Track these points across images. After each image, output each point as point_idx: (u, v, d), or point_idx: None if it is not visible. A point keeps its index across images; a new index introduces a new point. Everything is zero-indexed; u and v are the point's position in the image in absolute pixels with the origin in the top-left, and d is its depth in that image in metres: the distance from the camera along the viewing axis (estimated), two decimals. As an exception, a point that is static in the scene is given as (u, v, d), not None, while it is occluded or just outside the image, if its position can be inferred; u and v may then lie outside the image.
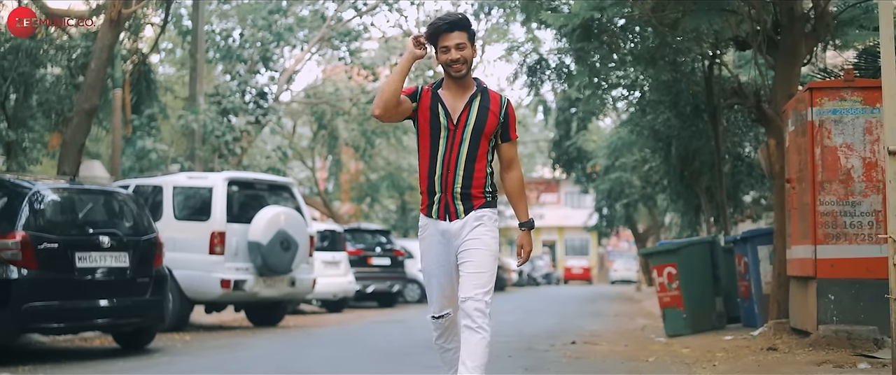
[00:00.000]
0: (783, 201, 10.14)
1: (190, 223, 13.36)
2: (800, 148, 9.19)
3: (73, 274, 9.28)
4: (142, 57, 20.03)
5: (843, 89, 8.86)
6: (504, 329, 12.83)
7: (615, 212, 32.32)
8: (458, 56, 5.11)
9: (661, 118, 16.24)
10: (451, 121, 5.13)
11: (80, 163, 14.40)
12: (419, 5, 28.48)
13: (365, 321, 15.93)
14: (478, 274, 5.05)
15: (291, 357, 9.82)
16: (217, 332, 13.21)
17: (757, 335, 10.23)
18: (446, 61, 5.14)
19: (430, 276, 5.30)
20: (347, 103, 28.31)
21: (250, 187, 14.27)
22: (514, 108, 5.41)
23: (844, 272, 8.68)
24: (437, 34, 5.16)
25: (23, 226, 9.03)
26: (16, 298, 8.88)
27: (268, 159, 25.40)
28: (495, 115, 5.17)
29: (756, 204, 20.34)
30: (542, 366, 8.75)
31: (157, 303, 10.21)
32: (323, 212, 33.99)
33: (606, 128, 31.60)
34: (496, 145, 5.26)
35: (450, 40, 5.12)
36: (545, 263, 51.12)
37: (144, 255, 10.01)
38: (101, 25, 15.37)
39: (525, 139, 43.49)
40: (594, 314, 18.84)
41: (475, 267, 5.07)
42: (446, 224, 5.16)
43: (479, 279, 5.04)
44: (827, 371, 7.39)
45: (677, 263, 12.17)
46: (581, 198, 50.11)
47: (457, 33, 5.13)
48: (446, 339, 5.33)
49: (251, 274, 13.22)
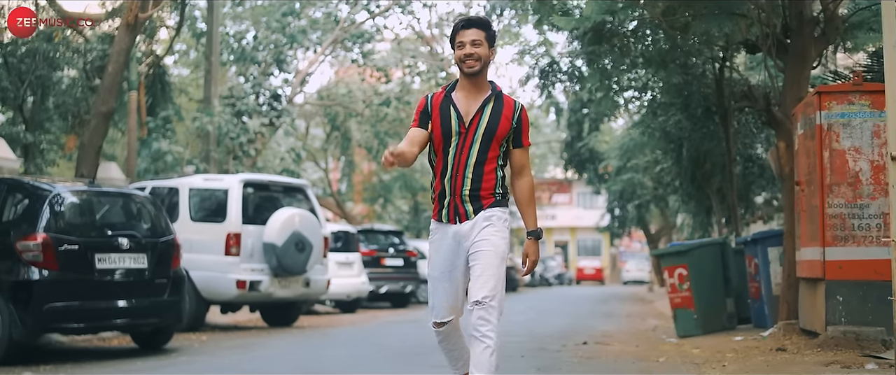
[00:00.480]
0: (793, 203, 10.22)
1: (206, 224, 13.51)
2: (809, 151, 9.28)
3: (93, 275, 9.44)
4: (157, 59, 20.21)
5: (851, 93, 8.93)
6: (516, 329, 12.93)
7: (627, 213, 32.34)
8: (471, 51, 5.13)
9: (672, 120, 16.33)
10: (463, 124, 5.13)
11: (98, 165, 14.54)
12: (431, 7, 28.60)
13: (378, 321, 16.05)
14: (485, 278, 5.04)
15: (307, 357, 9.94)
16: (233, 332, 13.34)
17: (767, 335, 10.30)
18: (460, 57, 5.17)
19: (434, 281, 5.28)
20: (360, 104, 28.45)
21: (265, 189, 14.41)
22: (527, 111, 5.40)
23: (852, 274, 8.76)
24: (455, 31, 5.23)
25: (44, 228, 9.20)
26: (37, 298, 9.04)
27: (282, 161, 25.54)
28: (508, 120, 5.16)
29: (768, 205, 20.38)
30: (555, 366, 8.84)
31: (175, 304, 10.36)
32: (336, 213, 34.12)
33: (618, 129, 31.64)
34: (508, 150, 5.25)
35: (466, 36, 5.17)
36: (557, 263, 51.14)
37: (162, 257, 10.16)
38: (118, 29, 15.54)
39: (537, 140, 43.55)
40: (606, 314, 18.91)
41: (483, 269, 5.06)
42: (456, 226, 5.16)
43: (486, 282, 5.03)
44: (834, 371, 7.47)
45: (688, 264, 12.25)
46: (593, 199, 50.12)
47: (474, 30, 5.18)
48: (449, 342, 5.35)
49: (266, 275, 13.35)
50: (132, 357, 9.98)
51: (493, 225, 5.13)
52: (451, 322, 5.26)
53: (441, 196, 5.20)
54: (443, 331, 5.30)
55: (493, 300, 5.01)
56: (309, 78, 27.72)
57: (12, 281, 9.08)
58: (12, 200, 9.69)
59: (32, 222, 9.26)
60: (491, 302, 5.00)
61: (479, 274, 5.06)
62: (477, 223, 5.13)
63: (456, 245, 5.18)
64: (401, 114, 27.08)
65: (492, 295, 5.01)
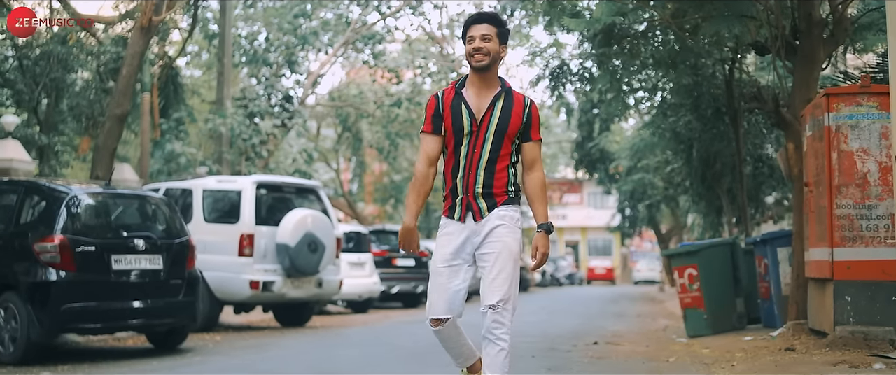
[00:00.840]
0: (802, 204, 10.28)
1: (219, 225, 13.62)
2: (817, 152, 9.34)
3: (110, 276, 9.57)
4: (169, 61, 20.34)
5: (859, 95, 8.99)
6: (528, 329, 13.00)
7: (638, 213, 32.39)
8: (481, 45, 5.11)
9: (682, 120, 16.39)
10: (475, 122, 5.12)
11: (114, 167, 14.67)
12: (442, 8, 28.70)
13: (390, 321, 16.13)
14: (500, 281, 5.05)
15: (320, 357, 10.02)
16: (246, 332, 13.45)
17: (776, 335, 10.35)
18: (469, 51, 5.15)
19: (435, 274, 5.20)
20: (371, 105, 28.55)
21: (278, 190, 14.51)
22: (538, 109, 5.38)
23: (861, 274, 8.81)
24: (466, 26, 5.24)
25: (61, 230, 9.32)
26: (55, 299, 9.17)
27: (294, 162, 25.71)
28: (519, 116, 5.15)
29: (779, 205, 20.41)
30: (565, 366, 8.91)
31: (190, 304, 10.47)
32: (347, 213, 34.23)
33: (629, 130, 31.69)
34: (519, 146, 5.24)
35: (476, 31, 5.17)
36: (568, 263, 51.19)
37: (177, 258, 10.28)
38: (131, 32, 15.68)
39: (548, 140, 43.58)
40: (617, 314, 18.96)
41: (497, 272, 5.06)
42: (468, 223, 5.14)
43: (500, 286, 5.04)
44: (842, 371, 7.51)
45: (698, 265, 12.32)
46: (604, 199, 50.18)
47: (484, 25, 5.17)
48: (448, 343, 5.30)
49: (279, 276, 13.45)
50: (148, 356, 10.09)
51: (505, 225, 5.13)
52: (450, 323, 5.17)
53: (453, 193, 5.18)
54: (441, 332, 5.21)
55: (507, 303, 5.03)
56: (320, 79, 27.87)
57: (30, 282, 9.20)
58: (30, 202, 9.82)
59: (50, 224, 9.39)
60: (505, 306, 5.03)
61: (494, 278, 5.06)
62: (490, 221, 5.12)
63: (465, 240, 5.16)
64: (412, 114, 27.18)
65: (506, 298, 5.03)
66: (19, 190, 9.97)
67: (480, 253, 5.14)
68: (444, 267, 5.17)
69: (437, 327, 5.18)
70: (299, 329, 13.97)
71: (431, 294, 5.20)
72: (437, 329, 5.19)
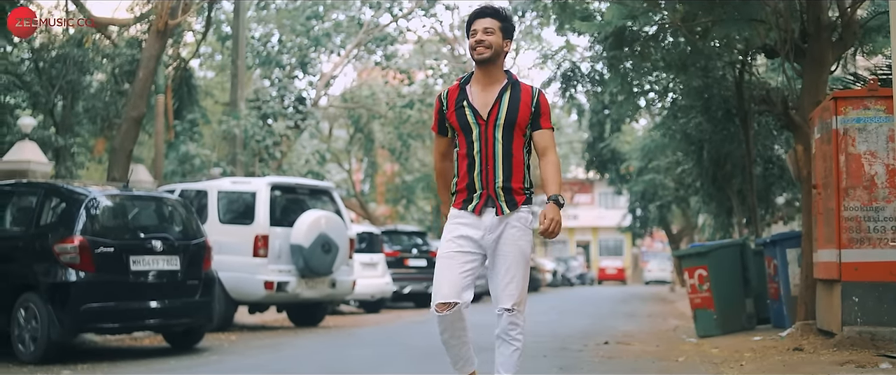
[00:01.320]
0: (810, 206, 10.36)
1: (234, 226, 13.76)
2: (825, 155, 9.43)
3: (128, 276, 9.72)
4: (183, 63, 20.50)
5: (866, 98, 9.07)
6: (539, 329, 13.09)
7: (649, 213, 32.42)
8: (483, 38, 5.12)
9: (693, 122, 16.48)
10: (481, 117, 5.12)
11: (130, 169, 14.82)
12: (454, 9, 28.81)
13: (402, 321, 16.24)
14: (514, 285, 5.13)
15: (334, 356, 10.14)
16: (260, 332, 13.58)
17: (785, 336, 10.43)
18: (472, 44, 5.16)
19: (443, 258, 5.13)
20: (383, 106, 28.67)
21: (292, 191, 14.64)
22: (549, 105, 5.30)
23: (868, 275, 8.89)
24: (469, 20, 5.24)
25: (80, 231, 9.48)
26: (74, 299, 9.33)
27: (306, 163, 25.86)
28: (527, 107, 5.14)
29: (789, 205, 20.46)
30: (576, 366, 9.00)
31: (206, 304, 10.63)
32: (359, 214, 34.34)
33: (640, 131, 31.73)
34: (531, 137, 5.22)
35: (478, 24, 5.17)
36: (579, 263, 51.21)
37: (194, 258, 10.43)
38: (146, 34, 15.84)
39: (559, 140, 43.61)
40: (627, 314, 19.02)
41: (511, 276, 5.13)
42: (484, 219, 5.13)
43: (515, 290, 5.13)
44: (849, 370, 7.60)
45: (708, 266, 12.40)
46: (615, 199, 50.15)
47: (488, 19, 5.17)
48: (453, 336, 5.17)
49: (293, 276, 13.58)
50: (165, 356, 10.23)
51: (519, 229, 5.15)
52: (456, 310, 5.05)
53: (469, 188, 5.16)
54: (446, 319, 5.07)
55: (521, 305, 5.17)
56: (333, 80, 28.02)
57: (50, 282, 9.36)
58: (49, 204, 9.97)
59: (69, 225, 9.55)
60: (520, 308, 5.16)
61: (508, 282, 5.14)
62: (508, 222, 5.13)
63: (479, 232, 5.13)
64: (423, 115, 27.29)
65: (520, 301, 5.15)
66: (39, 192, 10.13)
67: (494, 253, 5.17)
68: (455, 251, 5.13)
69: (444, 312, 5.04)
70: (313, 329, 14.09)
71: (438, 278, 5.12)
72: (442, 314, 5.05)
